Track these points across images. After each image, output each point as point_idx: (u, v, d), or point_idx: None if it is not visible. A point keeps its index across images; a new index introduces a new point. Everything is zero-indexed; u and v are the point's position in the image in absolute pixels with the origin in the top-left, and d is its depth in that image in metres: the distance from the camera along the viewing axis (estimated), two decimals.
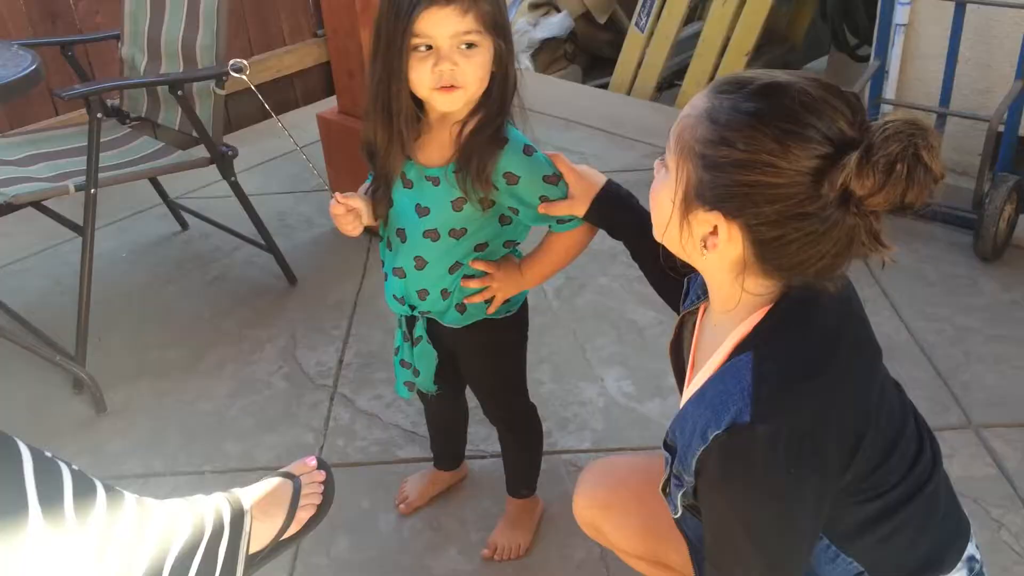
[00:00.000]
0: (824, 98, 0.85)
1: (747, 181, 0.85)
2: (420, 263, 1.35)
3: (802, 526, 0.91)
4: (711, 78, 3.65)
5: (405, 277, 1.38)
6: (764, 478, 0.88)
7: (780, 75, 0.88)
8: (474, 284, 1.36)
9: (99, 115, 2.00)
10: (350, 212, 1.33)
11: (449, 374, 1.50)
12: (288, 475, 1.52)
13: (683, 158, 0.90)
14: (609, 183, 1.29)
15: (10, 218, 2.81)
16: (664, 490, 1.03)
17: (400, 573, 1.65)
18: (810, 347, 0.91)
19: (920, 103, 2.88)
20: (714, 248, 0.91)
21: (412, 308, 1.41)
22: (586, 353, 2.18)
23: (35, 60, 1.85)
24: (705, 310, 1.09)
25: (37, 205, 2.34)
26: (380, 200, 1.35)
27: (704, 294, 1.08)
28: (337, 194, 1.30)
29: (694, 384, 1.00)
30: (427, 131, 1.29)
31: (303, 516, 1.48)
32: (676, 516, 1.03)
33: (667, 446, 1.00)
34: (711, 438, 0.88)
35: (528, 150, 1.28)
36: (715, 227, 0.90)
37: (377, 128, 1.27)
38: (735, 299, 0.94)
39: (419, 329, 1.43)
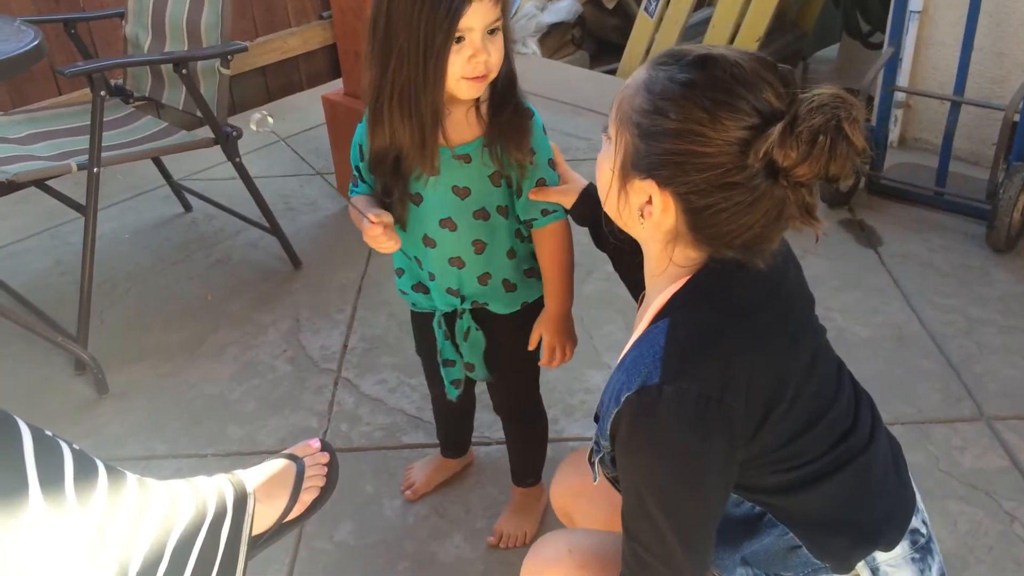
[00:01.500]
0: (756, 71, 0.87)
1: (678, 150, 0.87)
2: (479, 246, 1.33)
3: (708, 488, 0.92)
4: None
5: (464, 266, 1.34)
6: (668, 436, 0.89)
7: (716, 48, 0.90)
8: (545, 356, 1.43)
9: (102, 93, 1.97)
10: (387, 226, 1.24)
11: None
12: (292, 457, 1.50)
13: (622, 127, 0.93)
14: (591, 184, 1.30)
15: (11, 198, 2.80)
16: (589, 458, 1.05)
17: (405, 559, 1.63)
18: (722, 315, 0.94)
19: (934, 91, 2.84)
20: (649, 216, 0.93)
21: (463, 299, 1.38)
22: (593, 340, 2.16)
23: (38, 36, 1.82)
24: None
25: (39, 185, 2.31)
26: (398, 203, 1.31)
27: None
28: (370, 214, 1.23)
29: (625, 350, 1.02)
30: (447, 116, 1.24)
31: (307, 499, 1.46)
32: (595, 483, 1.05)
33: (596, 415, 1.02)
34: (623, 400, 0.90)
35: (544, 129, 1.28)
36: (650, 196, 0.91)
37: (399, 130, 1.21)
38: (662, 266, 0.97)
39: (466, 321, 1.41)
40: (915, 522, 1.06)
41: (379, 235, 1.23)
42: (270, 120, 1.21)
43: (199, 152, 2.33)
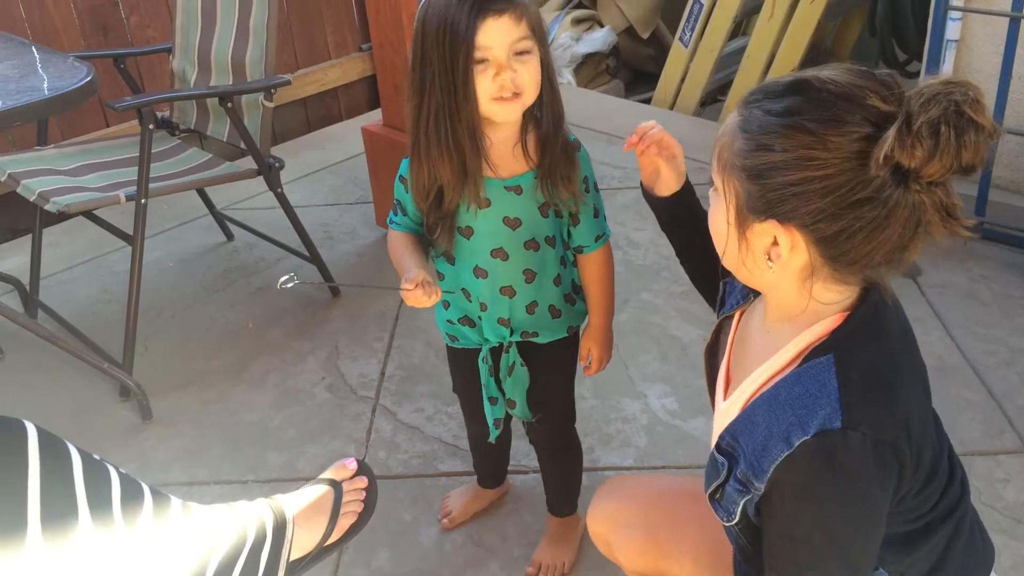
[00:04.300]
0: (851, 81, 0.83)
1: (793, 180, 0.83)
2: (530, 276, 1.35)
3: (876, 534, 0.90)
4: None
5: (515, 295, 1.36)
6: (853, 486, 0.86)
7: (805, 72, 0.86)
8: (593, 367, 1.47)
9: (150, 126, 2.03)
10: (422, 285, 1.23)
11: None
12: (331, 482, 1.52)
13: (727, 175, 0.90)
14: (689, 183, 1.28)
15: (60, 227, 2.87)
16: (713, 496, 1.01)
17: None
18: (888, 356, 0.90)
19: None
20: (778, 259, 0.89)
21: (512, 331, 1.40)
22: (628, 369, 2.16)
23: (90, 72, 1.88)
24: (742, 314, 1.08)
25: (87, 214, 2.37)
26: (444, 238, 1.33)
27: (743, 300, 1.06)
28: (403, 283, 1.24)
29: (742, 389, 0.98)
30: (489, 146, 1.26)
31: (345, 523, 1.48)
32: (731, 523, 1.00)
33: (722, 451, 0.98)
34: (796, 444, 0.86)
35: (588, 156, 1.32)
36: (774, 237, 0.88)
37: (438, 162, 1.23)
38: (801, 307, 0.92)
39: (512, 355, 1.43)
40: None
41: (418, 295, 1.22)
42: (295, 279, 1.26)
43: (241, 182, 2.39)
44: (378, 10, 2.49)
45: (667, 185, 1.22)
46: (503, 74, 1.16)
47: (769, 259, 0.89)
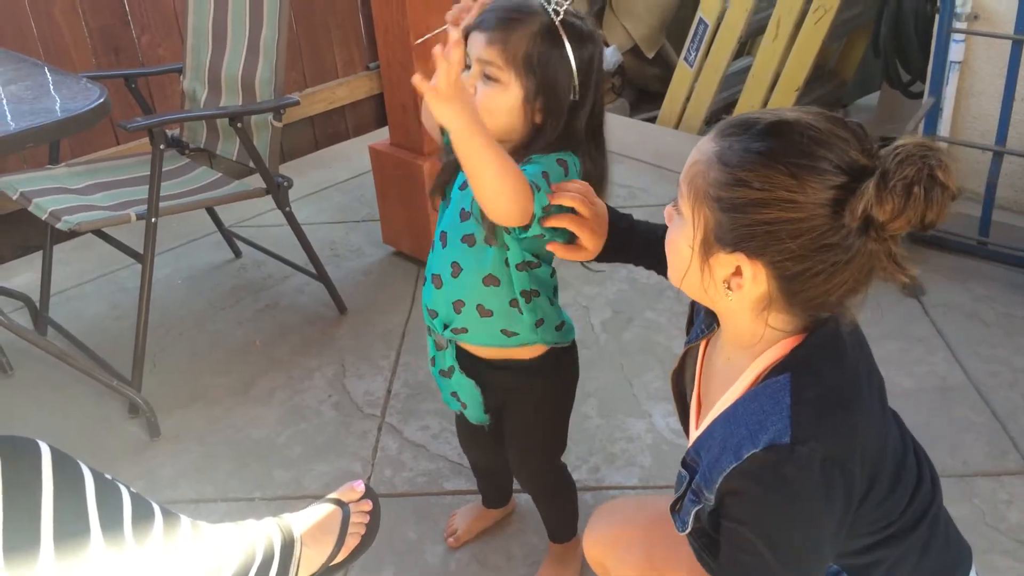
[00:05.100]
0: (831, 130, 0.87)
1: (767, 219, 0.86)
2: (456, 269, 1.32)
3: (823, 550, 0.92)
4: None
5: (441, 287, 1.34)
6: (798, 499, 0.88)
7: (784, 112, 0.89)
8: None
9: (161, 146, 2.06)
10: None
11: (493, 410, 1.47)
12: (338, 502, 1.54)
13: (698, 203, 0.91)
14: (611, 214, 1.24)
15: (70, 244, 2.90)
16: (674, 507, 1.04)
17: None
18: (845, 377, 0.93)
19: (976, 141, 2.84)
20: (739, 289, 0.92)
21: (446, 326, 1.37)
22: (633, 388, 2.17)
23: (103, 93, 1.91)
24: (708, 342, 1.10)
25: (97, 231, 2.40)
26: (439, 186, 1.34)
27: (708, 328, 1.09)
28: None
29: (711, 412, 1.01)
30: None
31: (351, 543, 1.50)
32: (685, 532, 1.03)
33: (686, 465, 1.01)
34: (745, 456, 0.89)
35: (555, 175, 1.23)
36: (738, 267, 0.91)
37: None
38: (758, 335, 0.95)
39: (448, 359, 1.39)
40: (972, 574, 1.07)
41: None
42: None
43: (249, 200, 2.41)
44: (386, 29, 2.53)
45: (591, 242, 1.22)
46: (469, 82, 1.19)
47: (728, 288, 0.92)
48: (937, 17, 2.69)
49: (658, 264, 1.22)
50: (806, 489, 0.87)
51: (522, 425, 1.47)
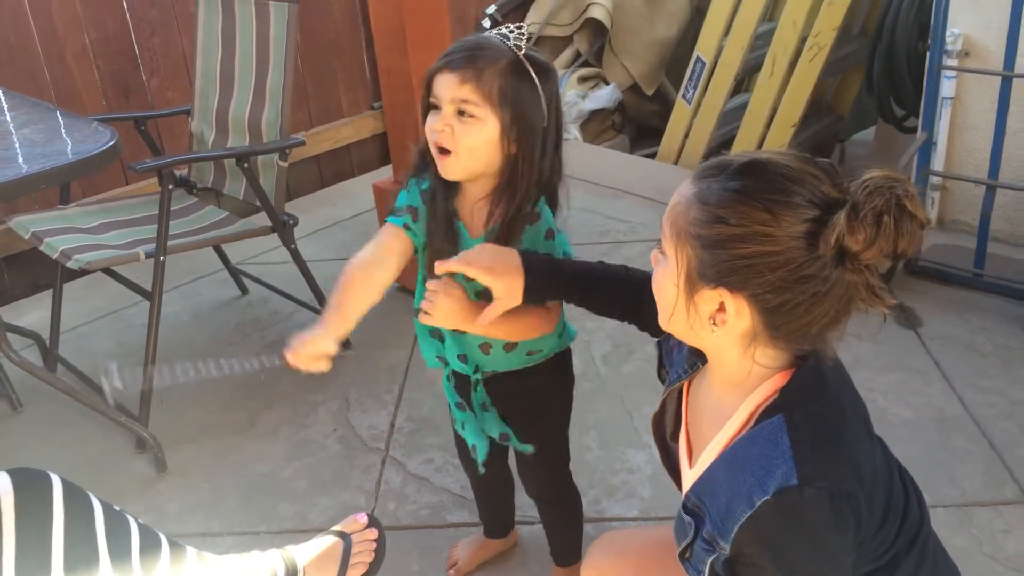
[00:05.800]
0: (803, 168, 0.91)
1: (746, 253, 0.90)
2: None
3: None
4: (759, 148, 3.71)
5: (466, 334, 1.37)
6: (815, 538, 0.91)
7: (758, 153, 0.94)
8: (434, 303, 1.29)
9: (170, 187, 2.11)
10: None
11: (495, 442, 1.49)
12: (340, 533, 1.56)
13: (680, 242, 0.95)
14: (524, 258, 1.25)
15: (79, 282, 2.94)
16: (683, 555, 1.04)
17: None
18: (834, 410, 0.96)
19: (969, 175, 2.89)
20: (723, 324, 0.95)
21: (476, 369, 1.41)
22: (633, 420, 2.20)
23: (114, 136, 1.96)
24: (690, 383, 1.12)
25: (106, 269, 2.45)
26: (441, 249, 1.32)
27: (691, 368, 1.11)
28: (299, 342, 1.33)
29: (706, 452, 1.03)
30: (460, 194, 1.33)
31: (354, 574, 1.52)
32: None
33: (689, 511, 1.02)
34: (758, 504, 0.91)
35: (550, 234, 1.33)
36: (722, 304, 0.94)
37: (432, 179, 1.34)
38: (745, 371, 0.98)
39: (480, 395, 1.43)
40: None
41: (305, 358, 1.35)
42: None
43: (255, 237, 2.46)
44: (389, 73, 2.59)
45: (511, 294, 1.23)
46: (435, 122, 1.24)
47: (714, 324, 0.96)
48: (928, 55, 2.75)
49: (609, 304, 1.29)
50: (822, 526, 0.90)
51: (534, 427, 1.48)
